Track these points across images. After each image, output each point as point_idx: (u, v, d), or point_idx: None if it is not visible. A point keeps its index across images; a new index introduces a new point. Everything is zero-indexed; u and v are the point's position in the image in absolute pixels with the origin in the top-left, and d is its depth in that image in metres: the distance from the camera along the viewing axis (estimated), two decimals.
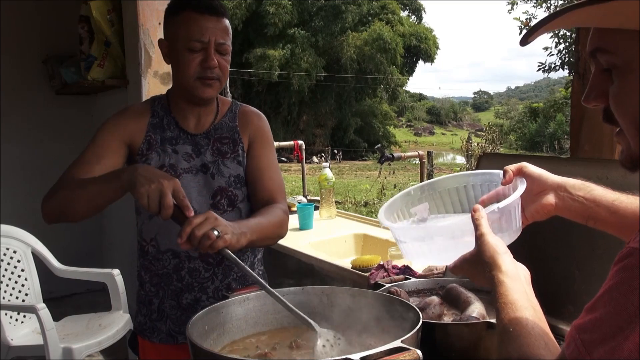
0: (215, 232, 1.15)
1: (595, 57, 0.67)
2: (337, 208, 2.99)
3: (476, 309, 1.18)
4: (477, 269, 0.87)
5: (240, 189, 1.51)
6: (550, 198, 0.99)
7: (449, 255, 0.95)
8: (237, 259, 1.16)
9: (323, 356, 1.03)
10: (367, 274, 1.70)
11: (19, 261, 2.85)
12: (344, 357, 0.87)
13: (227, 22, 1.45)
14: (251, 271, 1.17)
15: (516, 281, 0.80)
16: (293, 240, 2.41)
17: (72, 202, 1.33)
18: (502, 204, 0.95)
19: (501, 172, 1.08)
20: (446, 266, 1.58)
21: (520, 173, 1.03)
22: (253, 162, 1.53)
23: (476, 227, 0.89)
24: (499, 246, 0.86)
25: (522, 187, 1.00)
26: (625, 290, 0.58)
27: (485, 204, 1.08)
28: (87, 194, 1.31)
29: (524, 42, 0.69)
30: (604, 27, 0.65)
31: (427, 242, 1.01)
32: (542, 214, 1.01)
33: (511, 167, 1.04)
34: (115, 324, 2.76)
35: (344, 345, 1.07)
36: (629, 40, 0.62)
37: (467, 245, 0.92)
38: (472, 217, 0.90)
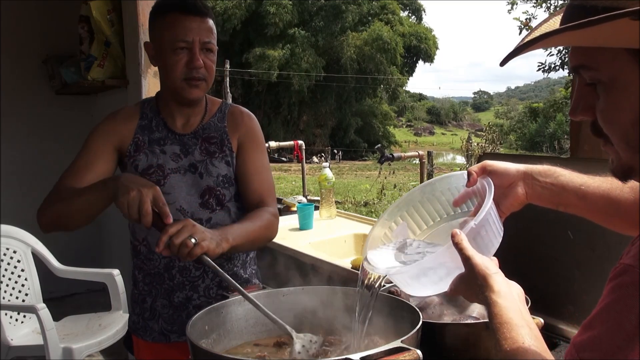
0: (193, 240, 1.16)
1: (579, 72, 0.66)
2: (337, 208, 2.99)
3: (476, 309, 1.18)
4: (471, 290, 0.86)
5: (228, 189, 1.52)
6: (520, 189, 0.99)
7: (444, 284, 0.93)
8: (216, 266, 1.18)
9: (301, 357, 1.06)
10: None
11: (19, 261, 2.85)
12: (344, 357, 0.87)
13: (211, 21, 1.46)
14: (229, 277, 1.18)
15: (510, 300, 0.80)
16: (293, 240, 2.41)
17: (67, 213, 1.36)
18: (477, 219, 0.93)
19: (464, 172, 1.07)
20: None
21: (485, 172, 1.03)
22: (243, 163, 1.53)
23: (460, 250, 0.87)
24: (489, 267, 0.85)
25: (490, 189, 0.99)
26: (622, 308, 0.58)
27: (459, 204, 1.10)
28: (79, 205, 1.33)
29: (504, 63, 0.69)
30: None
31: (415, 280, 0.98)
32: (516, 205, 1.01)
33: (474, 168, 1.04)
34: (115, 324, 2.76)
35: (318, 347, 1.10)
36: (612, 57, 0.61)
37: (456, 271, 0.90)
38: (453, 242, 0.88)
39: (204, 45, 1.43)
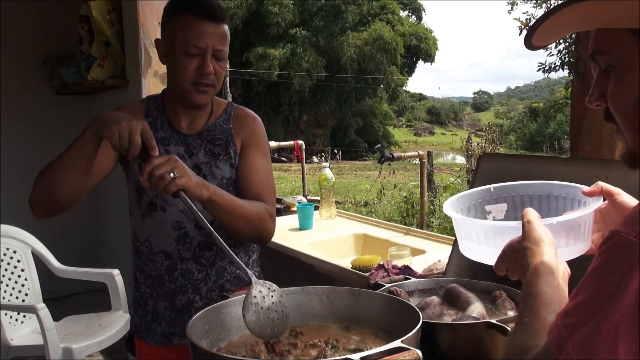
0: (172, 175, 1.18)
1: (595, 58, 0.68)
2: (337, 208, 2.99)
3: (476, 309, 1.18)
4: (518, 254, 0.84)
5: (232, 192, 1.49)
6: None
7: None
8: (191, 203, 1.19)
9: (255, 303, 1.07)
10: (367, 274, 1.70)
11: (19, 261, 2.85)
12: (344, 357, 0.87)
13: (226, 27, 1.44)
14: (202, 217, 1.17)
15: (551, 274, 0.78)
16: (293, 240, 2.41)
17: (53, 179, 1.29)
18: (561, 218, 0.91)
19: (587, 187, 1.01)
20: (446, 266, 1.57)
21: (610, 197, 0.97)
22: (244, 165, 1.51)
23: (524, 215, 0.87)
24: (545, 235, 0.84)
25: (596, 203, 0.95)
26: (606, 271, 0.58)
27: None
28: (65, 161, 1.28)
29: (529, 45, 0.70)
30: (599, 29, 0.66)
31: (493, 240, 0.97)
32: None
33: (604, 185, 0.98)
34: (115, 324, 2.76)
35: (276, 297, 1.10)
36: (624, 40, 0.63)
37: None
38: (523, 213, 0.88)
39: (217, 52, 1.41)
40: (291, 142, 3.56)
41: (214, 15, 1.40)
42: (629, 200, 0.96)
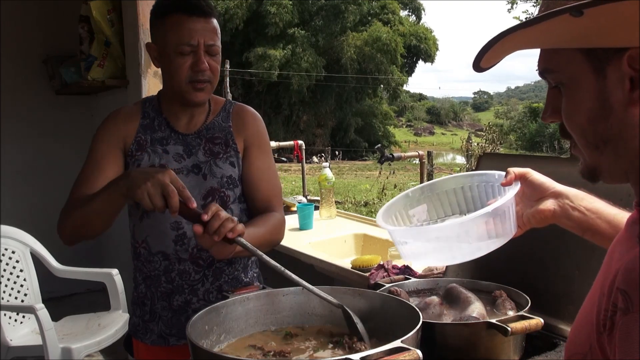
0: (235, 220, 1.18)
1: (545, 77, 0.68)
2: (337, 208, 2.99)
3: (476, 309, 1.17)
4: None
5: (232, 190, 1.50)
6: (549, 204, 0.99)
7: (451, 255, 0.95)
8: (253, 247, 1.17)
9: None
10: (367, 274, 1.70)
11: (17, 261, 2.85)
12: (344, 357, 0.87)
13: (215, 22, 1.43)
14: (268, 258, 1.16)
15: None
16: (293, 240, 2.41)
17: (85, 221, 1.35)
18: (491, 207, 0.96)
19: (497, 172, 1.07)
20: (446, 266, 1.57)
21: (523, 178, 1.03)
22: (251, 167, 1.51)
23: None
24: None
25: (515, 188, 1.00)
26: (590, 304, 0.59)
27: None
28: (95, 210, 1.32)
29: (478, 69, 0.70)
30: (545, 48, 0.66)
31: (426, 243, 1.02)
32: (539, 220, 1.00)
33: (515, 170, 1.04)
34: (115, 323, 2.76)
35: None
36: (569, 58, 0.63)
37: (468, 246, 0.92)
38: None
39: (209, 47, 1.41)
40: (291, 142, 3.56)
41: (201, 10, 1.39)
42: (538, 177, 1.02)
